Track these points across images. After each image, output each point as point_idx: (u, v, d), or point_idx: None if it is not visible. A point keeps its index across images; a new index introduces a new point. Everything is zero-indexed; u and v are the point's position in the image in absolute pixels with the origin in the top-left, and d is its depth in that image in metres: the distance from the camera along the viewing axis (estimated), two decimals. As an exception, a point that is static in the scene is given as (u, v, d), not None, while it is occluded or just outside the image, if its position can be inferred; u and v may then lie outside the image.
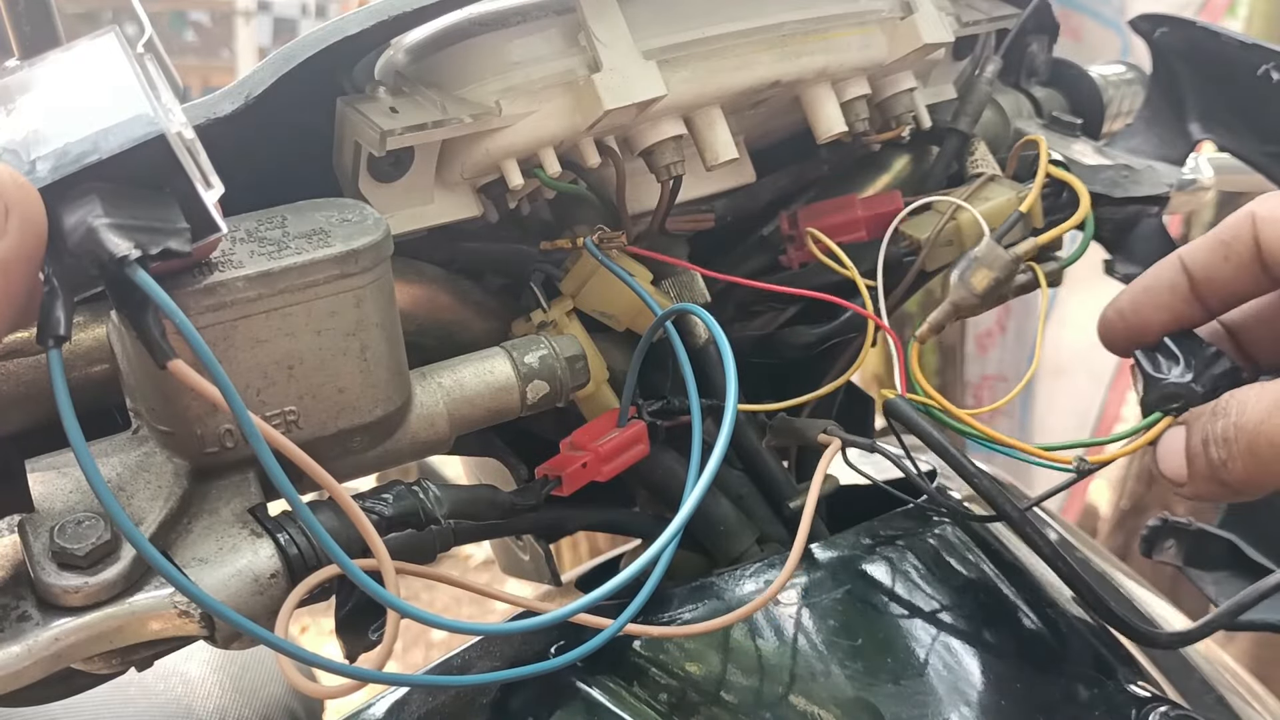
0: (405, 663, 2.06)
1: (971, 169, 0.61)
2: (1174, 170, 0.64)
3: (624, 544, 0.73)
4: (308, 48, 0.42)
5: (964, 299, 0.51)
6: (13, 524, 0.35)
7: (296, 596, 0.36)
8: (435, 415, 0.43)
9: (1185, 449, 0.40)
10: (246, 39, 4.73)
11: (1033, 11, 0.64)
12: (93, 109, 0.32)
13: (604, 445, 0.45)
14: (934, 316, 0.51)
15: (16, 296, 0.29)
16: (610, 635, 0.39)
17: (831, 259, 0.54)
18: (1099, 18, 1.79)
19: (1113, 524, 1.85)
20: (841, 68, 0.53)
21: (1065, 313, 1.82)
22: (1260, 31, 1.89)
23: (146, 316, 0.31)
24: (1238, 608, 0.44)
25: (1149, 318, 0.44)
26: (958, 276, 0.51)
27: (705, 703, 0.41)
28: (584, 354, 0.46)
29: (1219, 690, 0.54)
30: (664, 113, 0.48)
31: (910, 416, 0.44)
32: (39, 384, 0.39)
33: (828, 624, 0.44)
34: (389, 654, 0.35)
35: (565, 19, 0.47)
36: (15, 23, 0.38)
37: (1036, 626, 0.46)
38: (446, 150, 0.46)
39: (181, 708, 0.76)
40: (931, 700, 0.41)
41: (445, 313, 0.49)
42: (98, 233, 0.30)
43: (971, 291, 0.51)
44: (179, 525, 0.37)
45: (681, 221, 0.54)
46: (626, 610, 0.39)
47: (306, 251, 0.37)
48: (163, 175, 0.32)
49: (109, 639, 0.33)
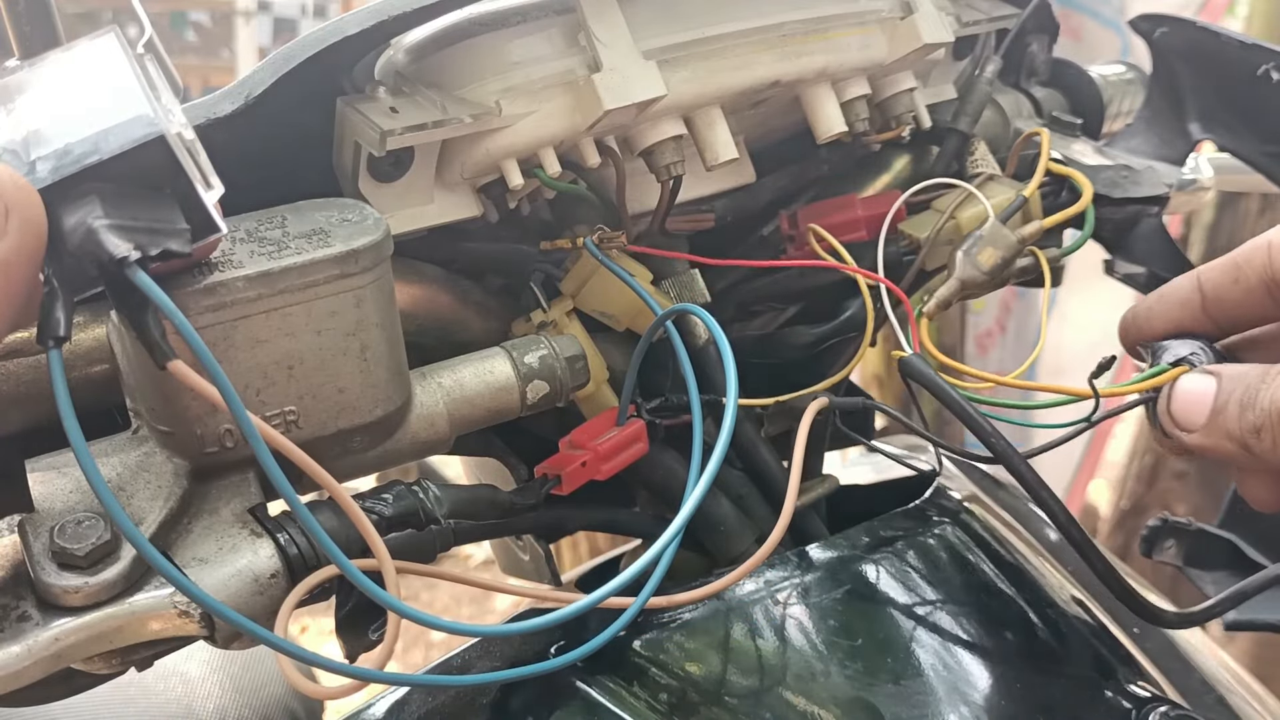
0: (405, 662, 2.06)
1: (971, 169, 0.61)
2: (1174, 170, 0.65)
3: (624, 544, 0.73)
4: (308, 48, 0.42)
5: (971, 276, 0.51)
6: (13, 524, 0.35)
7: (296, 597, 0.36)
8: (435, 415, 0.43)
9: (1213, 398, 0.39)
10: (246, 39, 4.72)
11: (1033, 11, 0.64)
12: (93, 109, 0.32)
13: (603, 444, 0.45)
14: (941, 293, 0.51)
15: (16, 297, 0.29)
16: (610, 635, 0.39)
17: (833, 256, 0.54)
18: (1099, 18, 1.79)
19: (1113, 524, 1.85)
20: (841, 68, 0.53)
21: (1066, 312, 1.82)
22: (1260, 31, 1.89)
23: (146, 317, 0.31)
24: (1240, 595, 0.44)
25: (1160, 327, 0.45)
26: (963, 254, 0.51)
27: (705, 703, 0.41)
28: (584, 354, 0.46)
29: (1219, 690, 0.54)
30: (664, 113, 0.48)
31: (925, 372, 0.44)
32: (39, 384, 0.39)
33: (828, 624, 0.44)
34: (390, 654, 0.35)
35: (565, 19, 0.47)
36: (15, 22, 0.38)
37: (1036, 626, 0.46)
38: (446, 150, 0.46)
39: (181, 708, 0.76)
40: (931, 700, 0.41)
41: (445, 313, 0.49)
42: (98, 234, 0.30)
43: (979, 269, 0.51)
44: (179, 525, 0.37)
45: (681, 221, 0.54)
46: (627, 611, 0.39)
47: (306, 251, 0.37)
48: (163, 176, 0.32)
49: (109, 639, 0.33)
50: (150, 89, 0.33)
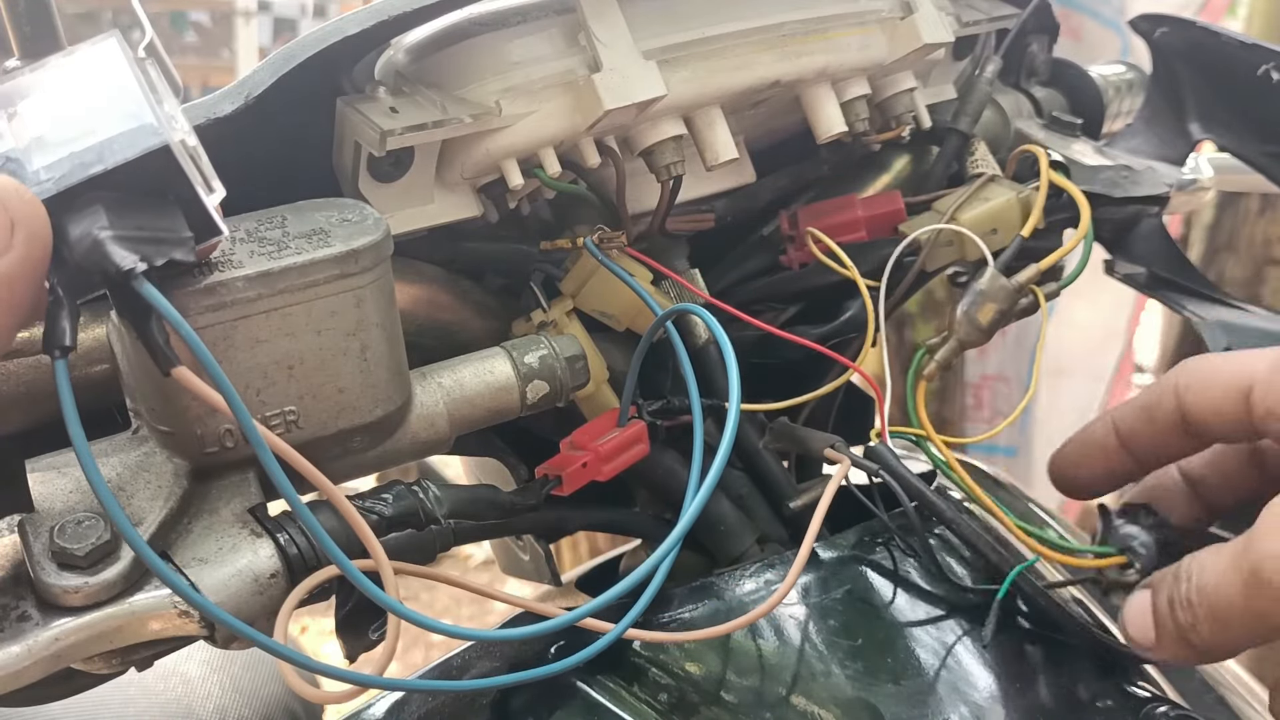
0: (405, 662, 2.06)
1: (971, 169, 0.61)
2: (1174, 170, 0.64)
3: (624, 544, 0.73)
4: (308, 48, 0.42)
5: (969, 334, 0.52)
6: (13, 524, 0.35)
7: (295, 598, 0.36)
8: (435, 415, 0.43)
9: (1152, 612, 0.40)
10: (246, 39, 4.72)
11: (1033, 11, 0.64)
12: (96, 117, 0.32)
13: (604, 445, 0.45)
14: (941, 355, 0.52)
15: (21, 308, 0.29)
16: (610, 640, 0.39)
17: (832, 259, 0.54)
18: (1099, 18, 1.79)
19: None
20: (841, 68, 0.53)
21: (1066, 313, 1.82)
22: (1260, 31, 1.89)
23: (150, 324, 0.31)
24: None
25: (1088, 475, 0.48)
26: (963, 314, 0.52)
27: (705, 703, 0.41)
28: (584, 354, 0.46)
29: (1219, 690, 0.54)
30: (664, 113, 0.48)
31: (895, 467, 0.46)
32: (39, 384, 0.39)
33: (828, 624, 0.44)
34: (391, 656, 0.35)
35: (565, 19, 0.47)
36: (15, 23, 0.38)
37: (1036, 626, 0.46)
38: (446, 150, 0.46)
39: (181, 708, 0.76)
40: (931, 700, 0.41)
41: (445, 313, 0.49)
42: (103, 245, 0.30)
43: (977, 328, 0.52)
44: (179, 525, 0.36)
45: (681, 221, 0.54)
46: (627, 615, 0.39)
47: (306, 251, 0.37)
48: (166, 184, 0.32)
49: (109, 639, 0.33)
50: (153, 95, 0.33)
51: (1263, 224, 1.91)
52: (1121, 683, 0.44)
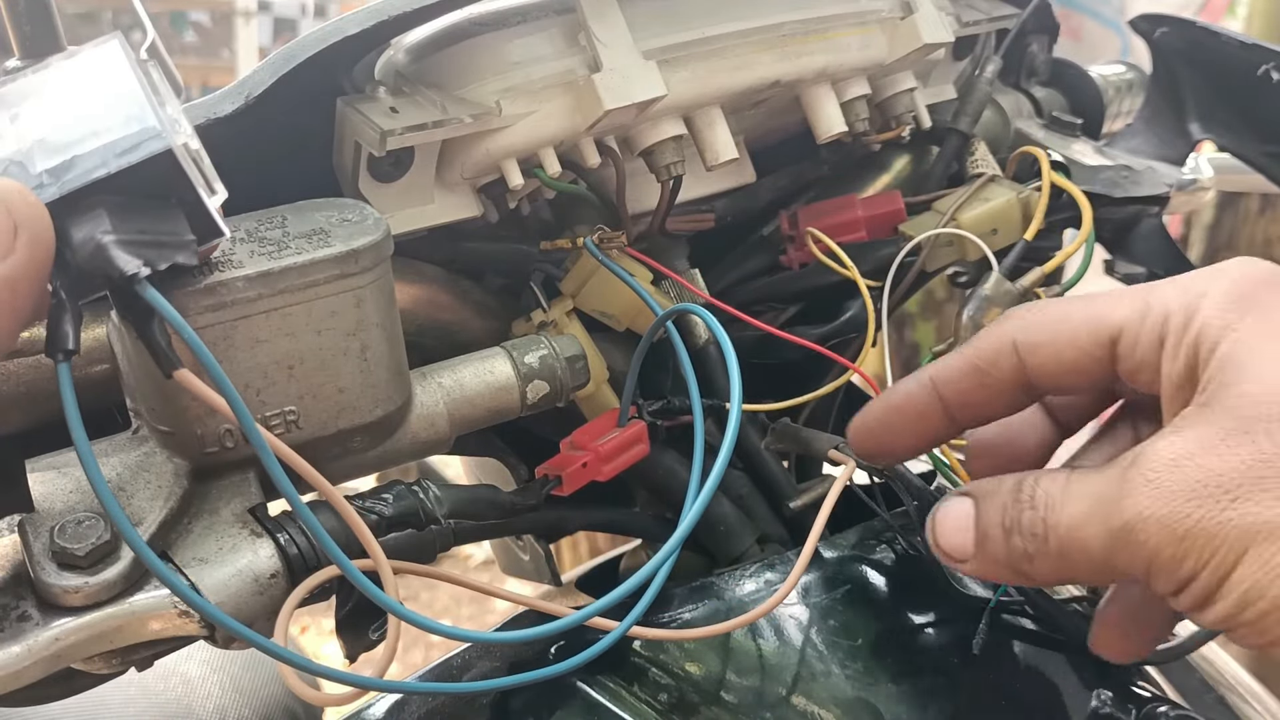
0: (405, 662, 2.06)
1: (971, 169, 0.61)
2: (1174, 170, 0.64)
3: (624, 544, 0.73)
4: (308, 48, 0.42)
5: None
6: (13, 524, 0.35)
7: (295, 599, 0.36)
8: (435, 415, 0.43)
9: (974, 526, 0.36)
10: (246, 39, 4.72)
11: (1033, 11, 0.64)
12: (99, 120, 0.32)
13: (604, 445, 0.45)
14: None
15: (23, 311, 0.30)
16: (612, 640, 0.39)
17: (832, 259, 0.54)
18: (1099, 18, 1.79)
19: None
20: (841, 68, 0.53)
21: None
22: (1260, 31, 1.89)
23: (152, 327, 0.31)
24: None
25: (905, 443, 0.41)
26: (969, 319, 0.51)
27: (705, 703, 0.41)
28: (584, 354, 0.46)
29: (1219, 690, 0.54)
30: (664, 113, 0.48)
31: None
32: (39, 384, 0.39)
33: (828, 624, 0.44)
34: (392, 657, 0.35)
35: (565, 19, 0.47)
36: (15, 22, 0.38)
37: (1036, 626, 0.46)
38: (447, 150, 0.46)
39: (181, 708, 0.76)
40: (932, 700, 0.41)
41: (445, 313, 0.49)
42: (107, 250, 0.30)
43: None
44: (179, 525, 0.36)
45: (681, 221, 0.54)
46: (629, 616, 0.39)
47: (306, 251, 0.37)
48: (169, 187, 0.32)
49: (109, 639, 0.33)
50: (155, 97, 0.33)
51: (1263, 224, 1.91)
52: (1121, 683, 0.44)
